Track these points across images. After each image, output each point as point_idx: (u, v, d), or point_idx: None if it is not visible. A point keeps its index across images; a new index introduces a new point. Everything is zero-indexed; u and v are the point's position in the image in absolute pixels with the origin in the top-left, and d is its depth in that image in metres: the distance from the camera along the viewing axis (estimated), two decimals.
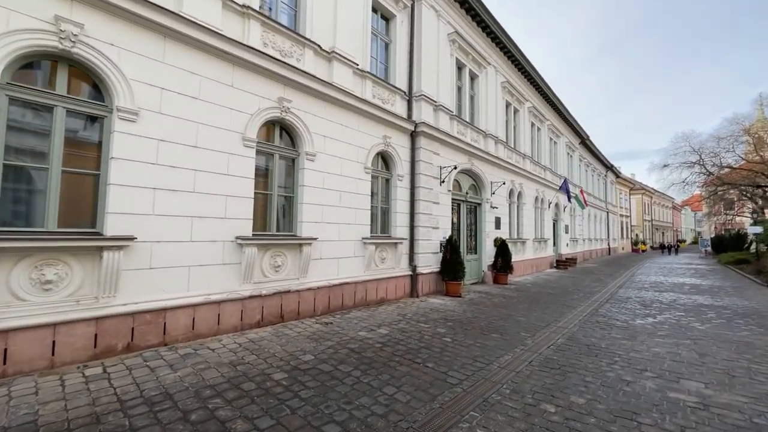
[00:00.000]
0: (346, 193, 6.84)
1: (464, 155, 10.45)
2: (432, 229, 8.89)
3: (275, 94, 5.69)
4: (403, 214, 8.30)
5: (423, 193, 8.62)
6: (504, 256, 11.19)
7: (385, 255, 7.70)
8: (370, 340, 4.89)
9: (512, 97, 13.90)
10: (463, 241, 10.58)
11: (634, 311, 7.47)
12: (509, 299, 8.56)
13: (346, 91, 6.80)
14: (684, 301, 8.82)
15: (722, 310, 7.65)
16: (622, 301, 8.77)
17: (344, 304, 6.67)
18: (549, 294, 9.60)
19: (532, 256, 15.04)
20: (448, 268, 8.65)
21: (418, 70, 8.80)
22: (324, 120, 6.48)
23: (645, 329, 5.94)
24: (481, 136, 11.53)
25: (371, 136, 7.49)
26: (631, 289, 10.93)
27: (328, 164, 6.50)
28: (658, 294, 9.88)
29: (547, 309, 7.54)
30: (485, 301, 8.16)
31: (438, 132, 9.11)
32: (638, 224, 45.65)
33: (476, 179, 11.38)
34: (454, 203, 10.32)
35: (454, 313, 6.83)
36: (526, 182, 14.60)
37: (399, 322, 5.93)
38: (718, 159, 21.79)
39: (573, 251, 21.28)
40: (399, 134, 8.24)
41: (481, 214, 11.54)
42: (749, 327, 6.19)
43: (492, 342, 5.04)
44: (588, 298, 9.01)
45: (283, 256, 5.69)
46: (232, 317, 4.99)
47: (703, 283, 12.34)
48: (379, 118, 7.62)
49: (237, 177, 5.14)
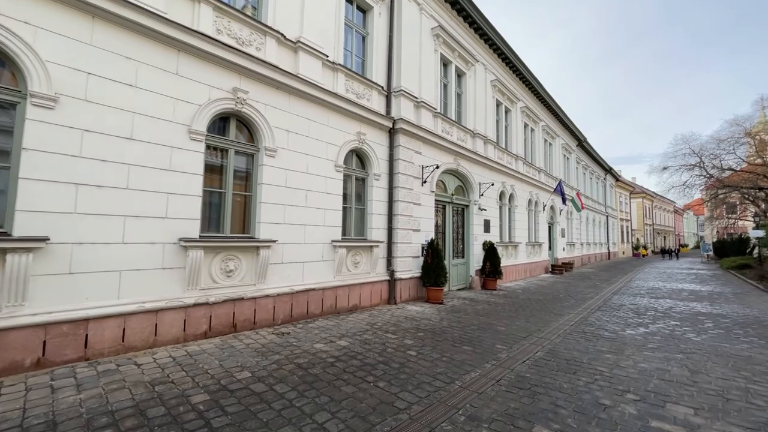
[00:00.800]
0: (313, 193, 6.38)
1: (449, 155, 9.99)
2: (412, 231, 8.41)
3: (229, 85, 5.25)
4: (380, 215, 7.82)
5: (402, 194, 8.15)
6: (492, 260, 10.68)
7: (358, 259, 7.21)
8: (323, 354, 4.40)
9: (503, 96, 13.46)
10: (448, 245, 10.09)
11: (626, 320, 6.95)
12: (494, 306, 8.04)
13: (314, 84, 6.36)
14: (681, 308, 8.28)
15: (721, 319, 7.11)
16: (615, 308, 8.24)
17: (310, 312, 6.18)
18: (538, 301, 9.08)
19: (525, 260, 14.50)
20: (429, 274, 8.15)
21: (397, 65, 8.37)
22: (288, 114, 6.04)
23: (634, 341, 5.42)
24: (469, 135, 11.08)
25: (343, 132, 7.04)
26: (627, 295, 10.38)
27: (292, 161, 6.05)
28: (653, 301, 9.34)
29: (532, 317, 7.02)
30: (467, 309, 7.64)
31: (419, 130, 8.66)
32: (639, 228, 44.98)
33: (463, 180, 10.91)
34: (438, 205, 9.85)
35: (429, 322, 6.33)
36: (518, 184, 14.11)
37: (364, 333, 5.44)
38: (719, 161, 21.24)
39: (570, 255, 20.73)
40: (375, 131, 7.79)
41: (469, 216, 11.05)
42: (749, 338, 5.66)
43: (461, 356, 4.54)
44: (578, 306, 8.48)
45: (237, 260, 5.22)
46: (173, 327, 4.51)
47: (703, 289, 11.78)
48: (353, 114, 7.18)
49: (181, 173, 4.69)
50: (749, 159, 21.34)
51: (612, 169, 33.06)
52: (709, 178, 23.14)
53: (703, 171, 23.01)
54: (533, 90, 15.72)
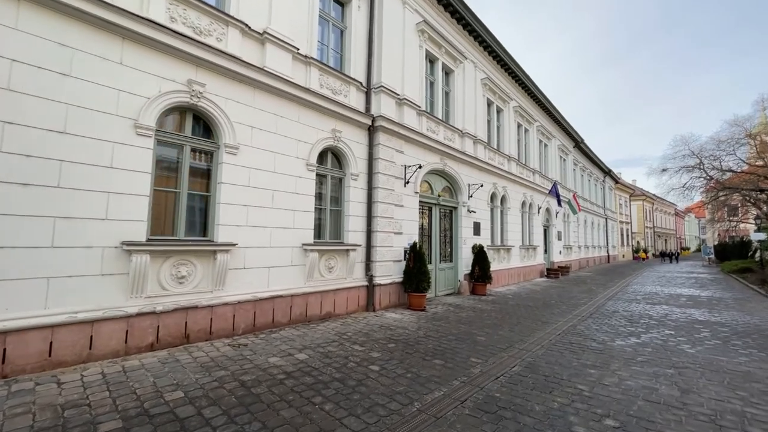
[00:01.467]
0: (281, 193, 5.99)
1: (435, 155, 9.60)
2: (394, 234, 8.01)
3: (183, 76, 4.88)
4: (359, 217, 7.43)
5: (382, 195, 7.75)
6: (481, 264, 10.26)
7: (333, 263, 6.81)
8: (275, 370, 3.99)
9: (494, 95, 13.09)
10: (435, 248, 9.67)
11: (617, 329, 6.51)
12: (479, 313, 7.62)
13: (283, 78, 6.00)
14: (677, 315, 7.84)
15: (719, 328, 6.67)
16: (607, 315, 7.80)
17: (276, 320, 5.77)
18: (527, 307, 8.64)
19: (519, 264, 14.07)
20: (411, 279, 7.73)
21: (378, 61, 8.01)
22: (252, 109, 5.67)
23: (623, 353, 4.99)
24: (457, 134, 10.70)
25: (316, 129, 6.66)
26: (621, 301, 9.94)
27: (256, 159, 5.67)
28: (649, 307, 8.89)
29: (517, 325, 6.60)
30: (450, 316, 7.22)
31: (402, 128, 8.28)
32: (639, 231, 44.44)
33: (451, 181, 10.51)
34: (423, 206, 9.45)
35: (404, 331, 5.91)
36: (510, 185, 13.70)
37: (330, 344, 5.02)
38: (719, 162, 20.78)
39: (567, 259, 20.27)
40: (353, 129, 7.41)
41: (457, 218, 10.64)
42: (748, 350, 5.22)
43: (429, 371, 4.12)
44: (569, 312, 8.05)
45: (191, 266, 4.82)
46: (112, 340, 4.11)
47: (702, 295, 11.32)
48: (327, 110, 6.81)
49: (125, 171, 4.31)
50: (750, 160, 20.89)
51: (611, 171, 32.61)
52: (709, 180, 22.70)
53: (702, 173, 22.58)
54: (527, 89, 15.35)
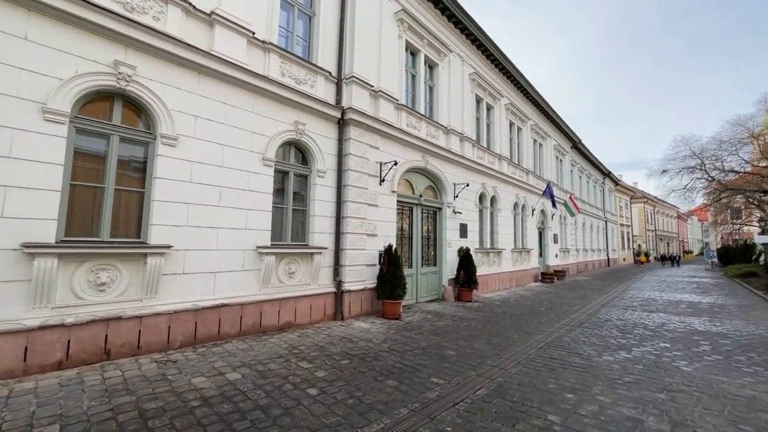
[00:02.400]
0: (231, 190, 5.41)
1: (416, 152, 9.02)
2: (367, 236, 7.41)
3: (108, 57, 4.32)
4: (326, 218, 6.84)
5: (353, 193, 7.17)
6: (467, 268, 9.64)
7: (294, 268, 6.22)
8: (192, 394, 3.39)
9: (484, 91, 12.52)
10: (416, 251, 9.07)
11: (607, 341, 5.88)
12: (458, 322, 6.99)
13: (236, 64, 5.45)
14: (674, 325, 7.19)
15: (720, 340, 6.03)
16: (599, 324, 7.16)
17: (223, 332, 5.17)
18: (514, 315, 8.01)
19: (511, 268, 13.42)
20: (384, 285, 7.12)
21: (350, 50, 7.46)
22: (196, 96, 5.11)
23: (609, 372, 4.36)
24: (441, 131, 10.12)
25: (275, 120, 6.10)
26: (616, 308, 9.28)
27: (200, 152, 5.10)
28: (645, 315, 8.24)
29: (496, 336, 5.98)
30: (424, 326, 6.60)
31: (377, 122, 7.71)
32: (641, 234, 43.65)
33: (435, 180, 9.92)
34: (403, 207, 8.86)
35: (367, 344, 5.30)
36: (501, 186, 13.09)
37: (274, 360, 4.42)
38: (721, 163, 20.11)
39: (564, 262, 19.59)
40: (319, 121, 6.84)
41: (442, 220, 10.04)
42: (753, 368, 4.58)
43: (377, 395, 3.51)
44: (557, 321, 7.41)
45: (114, 271, 4.24)
46: (4, 358, 3.52)
47: (703, 301, 10.64)
48: (289, 101, 6.25)
49: (29, 161, 3.74)
50: (753, 161, 20.21)
51: (611, 173, 31.96)
52: (710, 181, 22.00)
53: (704, 174, 21.89)
54: (519, 86, 14.78)
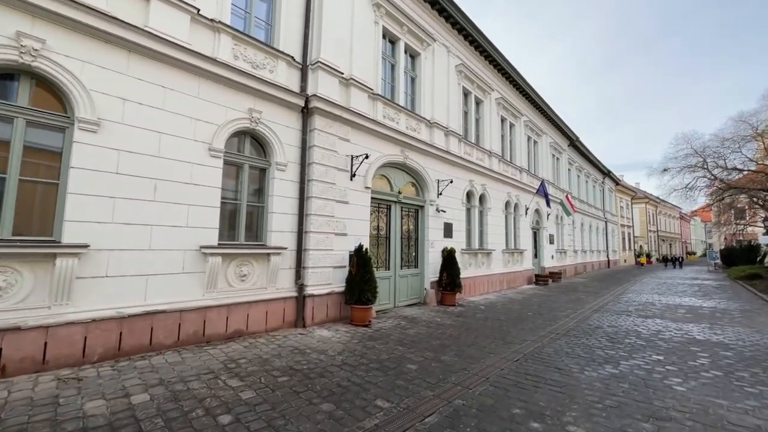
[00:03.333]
0: (169, 183, 4.83)
1: (394, 145, 8.43)
2: (335, 236, 6.82)
3: (9, 29, 3.76)
4: (287, 215, 6.26)
5: (319, 189, 6.59)
6: (450, 270, 9.03)
7: (247, 270, 5.63)
8: (71, 424, 2.79)
9: (472, 84, 11.92)
10: (394, 252, 8.46)
11: (593, 352, 5.26)
12: (433, 329, 6.38)
13: (175, 43, 4.87)
14: (671, 333, 6.55)
15: (721, 351, 5.39)
16: (587, 332, 6.53)
17: (156, 342, 4.58)
18: (496, 321, 7.39)
19: (502, 270, 12.79)
20: (353, 288, 6.53)
21: (317, 34, 6.88)
22: (125, 77, 4.53)
23: (589, 392, 3.75)
24: (424, 124, 9.52)
25: (226, 107, 5.52)
26: (610, 313, 8.64)
27: (130, 139, 4.52)
28: (640, 322, 7.60)
29: (471, 347, 5.37)
30: (393, 334, 5.99)
31: (347, 112, 7.13)
32: (642, 235, 42.85)
33: (416, 176, 9.32)
34: (380, 204, 8.26)
35: (319, 357, 4.70)
36: (491, 183, 12.48)
37: (200, 377, 3.82)
38: (723, 161, 19.39)
39: (561, 264, 18.93)
40: (278, 110, 6.26)
41: (424, 218, 9.44)
42: (758, 388, 3.95)
43: (300, 425, 2.91)
44: (543, 328, 6.79)
45: (13, 274, 3.67)
46: None
47: (704, 305, 9.98)
48: (243, 86, 5.68)
49: None
50: (757, 159, 19.48)
51: (611, 172, 31.24)
52: (713, 180, 21.28)
53: (706, 172, 21.18)
54: (511, 81, 14.17)
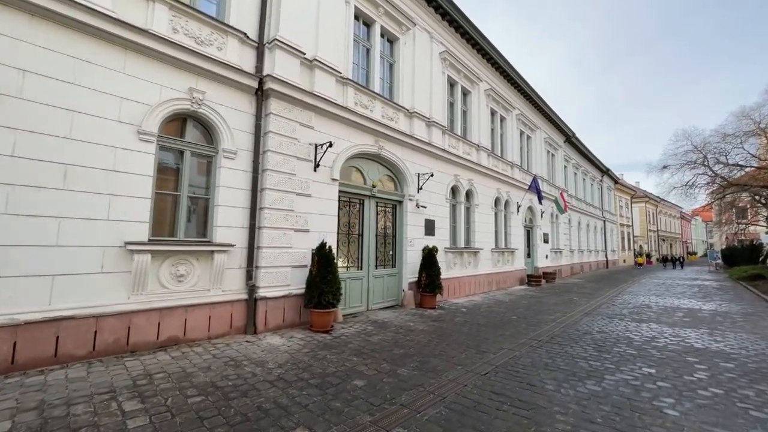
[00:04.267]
0: (83, 169, 4.19)
1: (367, 135, 7.79)
2: (294, 232, 6.18)
3: None
4: (236, 208, 5.61)
5: (275, 180, 5.95)
6: (429, 270, 8.37)
7: (186, 269, 4.98)
8: None
9: (458, 73, 11.27)
10: (367, 251, 7.82)
11: (575, 364, 4.61)
12: (402, 336, 5.74)
13: (93, 8, 4.24)
14: (666, 340, 5.89)
15: (721, 363, 4.73)
16: (573, 339, 5.88)
17: (64, 353, 3.94)
18: (476, 326, 6.74)
19: (490, 270, 12.13)
20: (312, 290, 5.88)
21: (276, 11, 6.24)
22: (25, 44, 3.89)
23: (562, 416, 3.10)
24: (403, 114, 8.88)
25: (160, 86, 4.88)
26: (601, 317, 7.98)
27: (31, 117, 3.89)
28: (634, 326, 6.94)
29: (438, 357, 4.72)
30: (353, 342, 5.35)
31: (311, 97, 6.49)
32: (642, 235, 42.13)
33: (393, 169, 8.68)
34: (351, 198, 7.62)
35: (255, 370, 4.05)
36: (479, 179, 11.82)
37: (91, 399, 3.18)
38: (725, 157, 18.69)
39: (556, 264, 18.26)
40: (227, 91, 5.62)
41: (402, 215, 8.79)
42: (766, 411, 3.29)
43: None
44: (525, 334, 6.14)
45: None
46: None
47: (704, 308, 9.31)
48: (182, 63, 5.03)
49: None
50: (760, 155, 18.78)
51: (609, 170, 30.55)
52: (713, 178, 20.58)
53: (707, 169, 20.48)
54: (501, 71, 13.51)
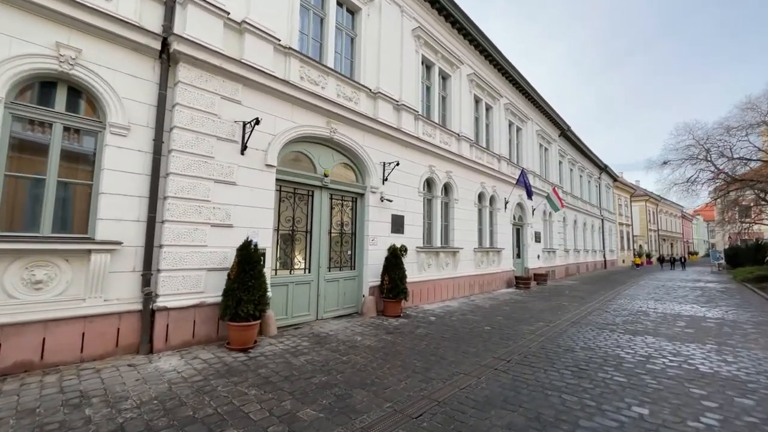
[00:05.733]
0: None
1: (317, 115, 6.69)
2: (211, 227, 5.09)
3: None
4: (129, 197, 4.51)
5: (185, 163, 4.85)
6: (392, 273, 7.26)
7: (48, 273, 3.89)
8: None
9: (435, 53, 10.15)
10: (318, 251, 6.73)
11: (545, 399, 3.50)
12: (338, 356, 4.63)
13: None
14: (664, 361, 4.78)
15: (736, 399, 3.61)
16: (550, 359, 4.77)
17: None
18: (439, 339, 5.64)
19: (472, 272, 11.01)
20: (228, 299, 4.79)
21: None
22: None
23: None
24: (364, 94, 7.77)
25: (11, 38, 3.79)
26: (591, 326, 6.87)
27: None
28: (626, 341, 5.83)
29: (367, 387, 3.62)
30: (269, 365, 4.23)
31: (237, 65, 5.39)
32: (642, 234, 40.96)
33: (352, 157, 7.57)
34: (295, 189, 6.52)
35: (92, 418, 2.96)
36: (460, 171, 10.71)
37: None
38: (729, 150, 17.52)
39: (549, 264, 17.14)
40: (116, 51, 4.51)
41: (364, 209, 7.69)
42: None
43: None
44: (495, 351, 5.03)
45: None
46: None
47: (709, 315, 8.20)
48: (47, 11, 3.95)
49: None
50: (766, 148, 17.62)
51: (608, 167, 29.39)
52: (716, 173, 19.40)
53: (710, 165, 19.31)
54: (487, 56, 12.38)
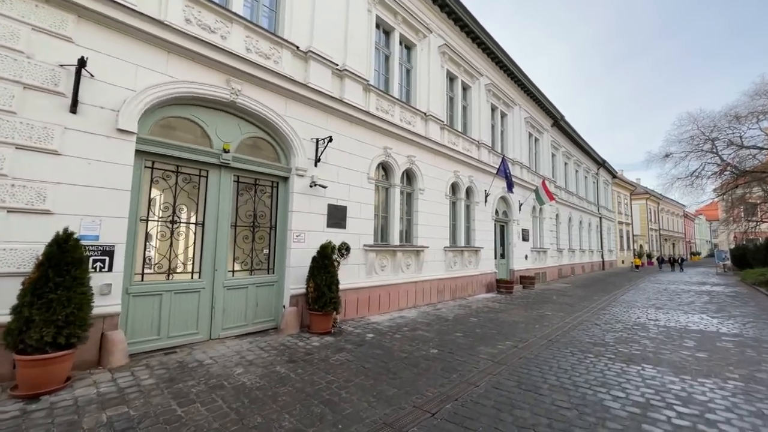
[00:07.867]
0: None
1: (208, 70, 5.09)
2: (8, 213, 3.49)
3: None
4: None
5: None
6: (319, 279, 5.65)
7: None
8: None
9: (395, 16, 8.55)
10: (212, 248, 5.13)
11: None
12: (168, 413, 3.05)
13: None
14: (670, 416, 3.16)
15: None
16: (498, 410, 3.17)
17: None
18: (357, 373, 4.03)
19: (442, 274, 9.41)
20: (17, 320, 3.19)
21: None
22: None
23: None
24: (286, 50, 6.15)
25: None
26: (572, 348, 5.26)
27: None
28: (616, 374, 4.21)
29: None
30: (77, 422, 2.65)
31: None
32: (643, 234, 39.31)
33: (269, 130, 5.97)
34: (178, 166, 4.92)
35: None
36: (425, 156, 9.11)
37: None
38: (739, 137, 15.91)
39: (539, 266, 15.52)
40: None
41: (287, 197, 6.10)
42: None
43: None
44: (424, 391, 3.43)
45: None
46: None
47: (723, 330, 6.58)
48: None
49: None
50: None
51: (606, 162, 27.75)
52: (723, 167, 17.79)
53: (715, 156, 17.70)
54: (463, 26, 10.74)
